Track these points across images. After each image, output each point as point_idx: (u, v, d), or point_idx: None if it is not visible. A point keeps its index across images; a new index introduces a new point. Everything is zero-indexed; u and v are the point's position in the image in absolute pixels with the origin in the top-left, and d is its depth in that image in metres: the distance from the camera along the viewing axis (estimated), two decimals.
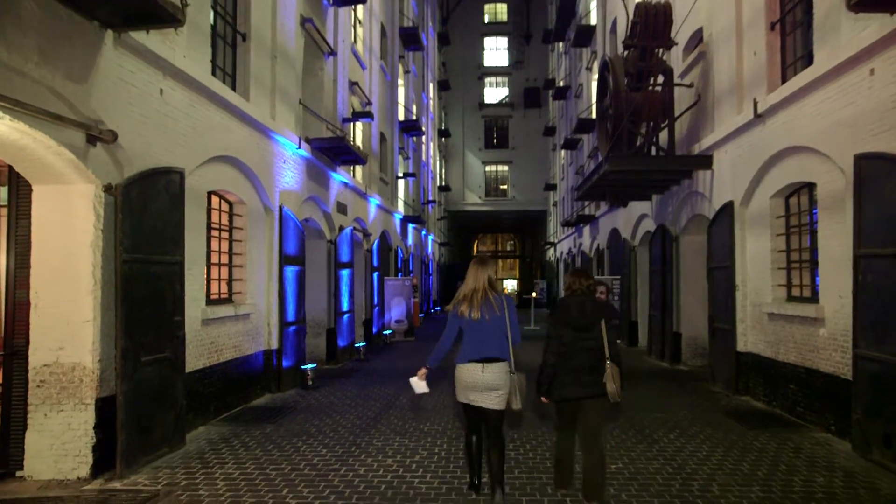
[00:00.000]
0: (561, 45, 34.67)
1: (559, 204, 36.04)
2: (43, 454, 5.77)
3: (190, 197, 7.30)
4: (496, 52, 46.87)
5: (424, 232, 31.57)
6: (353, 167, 16.37)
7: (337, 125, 13.95)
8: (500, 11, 47.11)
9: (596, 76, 17.01)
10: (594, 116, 17.67)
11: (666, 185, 13.30)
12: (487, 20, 46.99)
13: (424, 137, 31.49)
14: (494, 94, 46.50)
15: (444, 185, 42.09)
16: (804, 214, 8.62)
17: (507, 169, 45.54)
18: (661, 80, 12.35)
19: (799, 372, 8.11)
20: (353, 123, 16.53)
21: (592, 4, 23.96)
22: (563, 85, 32.25)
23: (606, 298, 18.62)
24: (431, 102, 35.87)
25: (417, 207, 28.63)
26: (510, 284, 56.48)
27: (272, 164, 10.18)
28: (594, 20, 23.28)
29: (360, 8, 17.51)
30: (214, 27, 8.81)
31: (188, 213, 7.17)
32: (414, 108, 27.67)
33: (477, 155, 45.49)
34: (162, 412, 6.50)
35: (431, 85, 35.92)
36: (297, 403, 9.37)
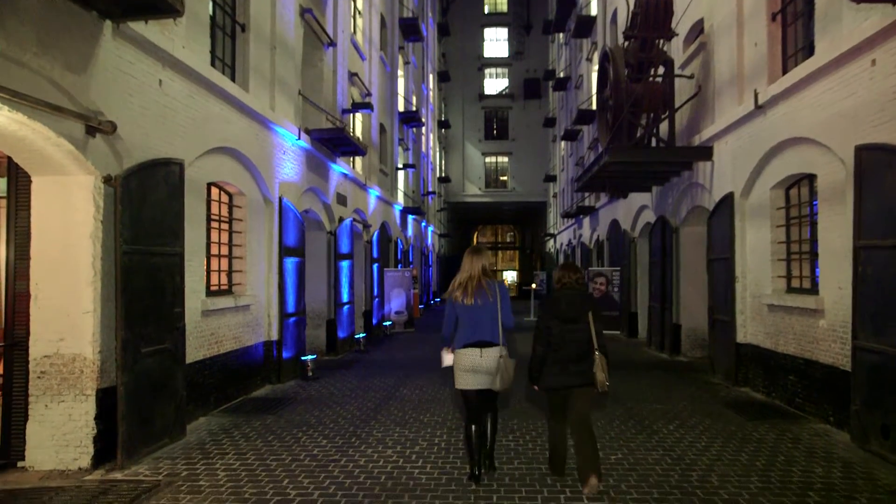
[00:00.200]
0: (561, 35, 34.53)
1: (559, 195, 36.01)
2: (44, 445, 5.79)
3: (189, 188, 7.29)
4: (496, 42, 46.71)
5: (424, 223, 31.56)
6: (352, 158, 16.35)
7: (336, 116, 13.91)
8: (500, 2, 46.93)
9: (596, 67, 16.95)
10: (594, 107, 17.62)
11: (666, 176, 13.28)
12: (487, 11, 46.82)
13: (424, 128, 31.44)
14: (494, 85, 46.37)
15: (443, 176, 42.04)
16: (804, 206, 8.62)
17: (506, 160, 45.48)
18: (661, 71, 12.31)
19: (798, 363, 8.13)
20: (352, 114, 16.49)
21: None
22: (563, 76, 32.15)
23: (606, 290, 18.64)
24: (431, 93, 35.78)
25: (417, 199, 28.60)
26: (510, 276, 56.46)
27: (272, 155, 10.16)
28: (594, 11, 23.19)
29: None
30: (213, 18, 8.77)
31: (188, 204, 7.16)
32: (414, 99, 27.60)
33: (477, 146, 45.41)
34: (162, 403, 6.52)
35: (431, 76, 35.81)
36: (297, 394, 9.39)
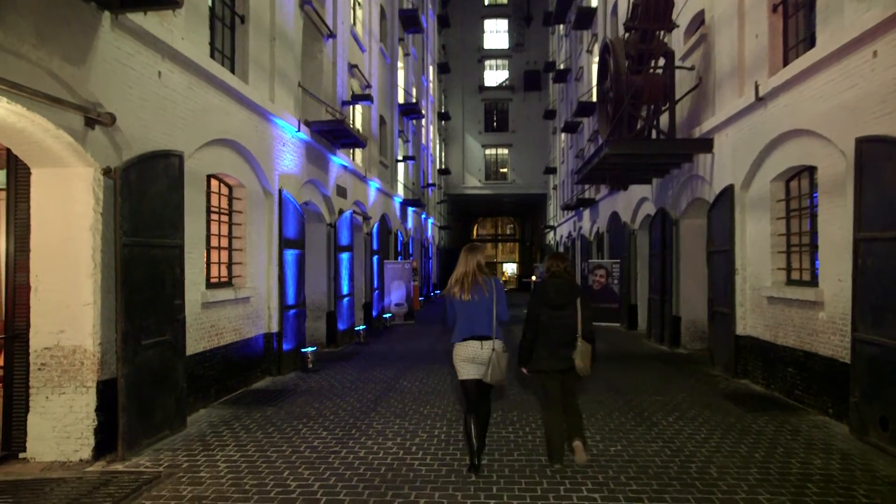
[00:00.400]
0: (561, 27, 34.39)
1: (559, 187, 35.95)
2: (45, 436, 5.81)
3: (189, 180, 7.28)
4: (496, 34, 46.49)
5: (424, 215, 31.55)
6: (352, 150, 16.32)
7: (336, 108, 13.88)
8: None
9: (596, 59, 16.90)
10: (594, 99, 17.58)
11: (666, 168, 13.27)
12: (487, 2, 46.55)
13: (424, 120, 31.36)
14: (494, 76, 46.20)
15: (443, 168, 41.95)
16: (804, 198, 8.62)
17: (506, 152, 45.36)
18: (662, 62, 12.27)
19: (798, 355, 8.15)
20: (352, 106, 16.43)
21: None
22: (563, 68, 32.04)
23: (606, 282, 18.65)
24: (431, 85, 35.67)
25: (417, 191, 28.57)
26: (510, 268, 56.49)
27: (271, 147, 10.14)
28: (595, 2, 23.09)
29: None
30: (213, 9, 8.73)
31: (187, 196, 7.15)
32: (414, 91, 27.53)
33: (477, 138, 45.29)
34: (163, 395, 6.54)
35: (431, 68, 35.69)
36: (297, 386, 9.41)
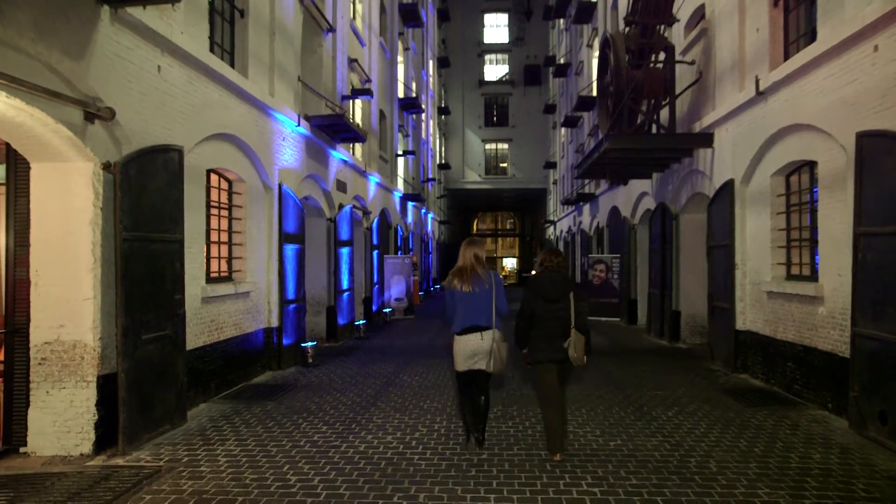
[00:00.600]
0: (562, 21, 34.31)
1: (559, 182, 35.93)
2: (46, 431, 5.82)
3: (189, 175, 7.27)
4: (496, 28, 46.38)
5: (424, 210, 31.52)
6: (352, 145, 16.29)
7: (336, 103, 13.85)
8: None
9: (597, 53, 16.86)
10: (595, 94, 17.55)
11: (666, 163, 13.26)
12: None
13: (424, 115, 31.31)
14: (494, 71, 46.10)
15: (443, 163, 41.92)
16: (805, 193, 8.61)
17: (506, 147, 45.31)
18: (662, 57, 12.25)
19: (797, 350, 8.15)
20: (352, 101, 16.42)
21: None
22: (563, 62, 31.98)
23: (606, 277, 18.65)
24: (431, 80, 35.60)
25: (417, 185, 28.54)
26: (510, 263, 56.48)
27: (271, 141, 10.13)
28: None
29: None
30: (212, 3, 8.70)
31: (187, 191, 7.14)
32: (413, 85, 27.47)
33: (477, 133, 45.24)
34: (163, 389, 6.54)
35: (431, 62, 35.61)
36: (297, 381, 9.42)
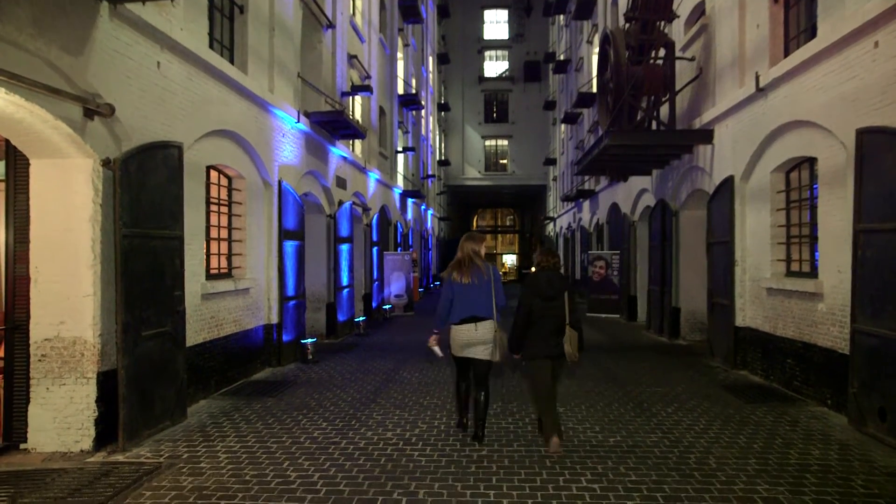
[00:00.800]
0: (562, 17, 34.24)
1: (559, 178, 35.91)
2: (46, 427, 5.82)
3: (188, 171, 7.26)
4: (496, 25, 46.30)
5: (424, 206, 31.51)
6: (352, 141, 16.28)
7: (336, 99, 13.83)
8: None
9: (597, 49, 16.83)
10: (595, 90, 17.53)
11: (666, 159, 13.24)
12: None
13: (424, 111, 31.26)
14: (494, 67, 46.04)
15: (443, 159, 41.89)
16: (804, 189, 8.61)
17: (506, 143, 45.29)
18: (662, 53, 12.23)
19: (797, 346, 8.16)
20: (351, 97, 16.39)
21: None
22: (563, 58, 31.92)
23: (606, 273, 18.66)
24: (431, 76, 35.55)
25: (417, 182, 28.52)
26: (509, 259, 56.51)
27: (271, 138, 10.12)
28: None
29: None
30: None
31: (187, 187, 7.14)
32: (413, 81, 27.43)
33: (476, 129, 45.19)
34: (163, 386, 6.55)
35: (431, 58, 35.55)
36: (297, 377, 9.43)
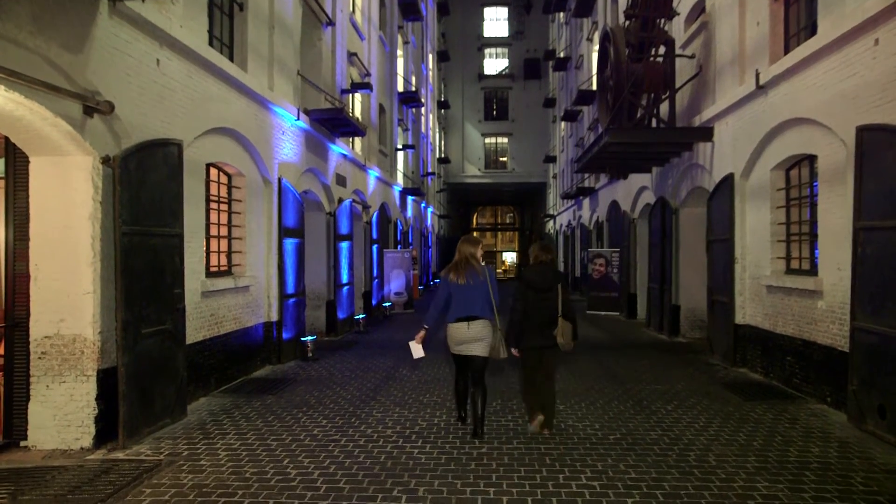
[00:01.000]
0: (562, 15, 34.20)
1: (559, 176, 35.90)
2: (46, 424, 5.82)
3: (188, 169, 7.26)
4: (496, 22, 46.24)
5: (424, 204, 31.50)
6: (352, 139, 16.27)
7: (335, 96, 13.82)
8: None
9: (597, 47, 16.82)
10: (594, 88, 17.51)
11: (666, 157, 13.24)
12: None
13: (423, 109, 31.24)
14: (494, 65, 46.00)
15: (443, 157, 41.85)
16: (804, 187, 8.61)
17: (506, 141, 45.25)
18: (662, 50, 12.22)
19: (796, 344, 8.17)
20: (351, 95, 16.37)
21: None
22: (563, 56, 31.90)
23: (605, 271, 18.67)
24: (431, 74, 35.51)
25: (417, 179, 28.50)
26: (509, 257, 56.50)
27: (271, 135, 10.11)
28: None
29: None
30: None
31: (187, 185, 7.13)
32: (413, 79, 27.40)
33: (476, 127, 45.16)
34: (163, 383, 6.55)
35: (430, 56, 35.52)
36: (297, 375, 9.44)
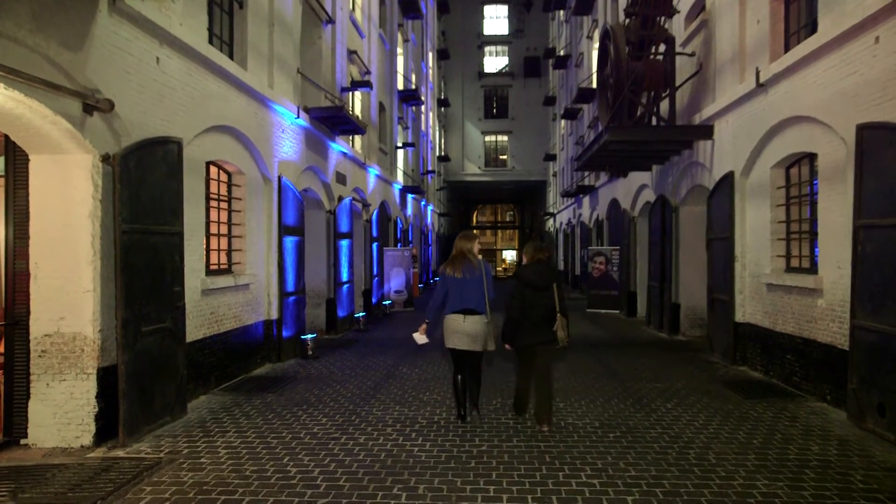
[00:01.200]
0: (562, 13, 34.19)
1: (559, 174, 35.89)
2: (46, 423, 5.83)
3: (188, 167, 7.25)
4: (496, 20, 46.23)
5: (424, 202, 31.49)
6: (352, 137, 16.27)
7: (335, 94, 13.82)
8: None
9: (597, 45, 16.80)
10: (595, 86, 17.50)
11: (666, 155, 13.23)
12: None
13: (424, 107, 31.22)
14: (494, 63, 45.98)
15: (443, 155, 41.83)
16: (804, 185, 8.60)
17: (506, 139, 45.25)
18: (662, 48, 12.20)
19: (796, 342, 8.17)
20: (351, 93, 16.37)
21: None
22: (563, 54, 31.88)
23: (605, 269, 18.67)
24: (431, 72, 35.49)
25: (417, 178, 28.50)
26: (509, 255, 56.51)
27: (271, 133, 10.11)
28: None
29: None
30: None
31: (187, 183, 7.13)
32: (413, 77, 27.37)
33: (476, 125, 45.16)
34: (163, 382, 6.55)
35: (431, 54, 35.49)
36: (297, 373, 9.44)
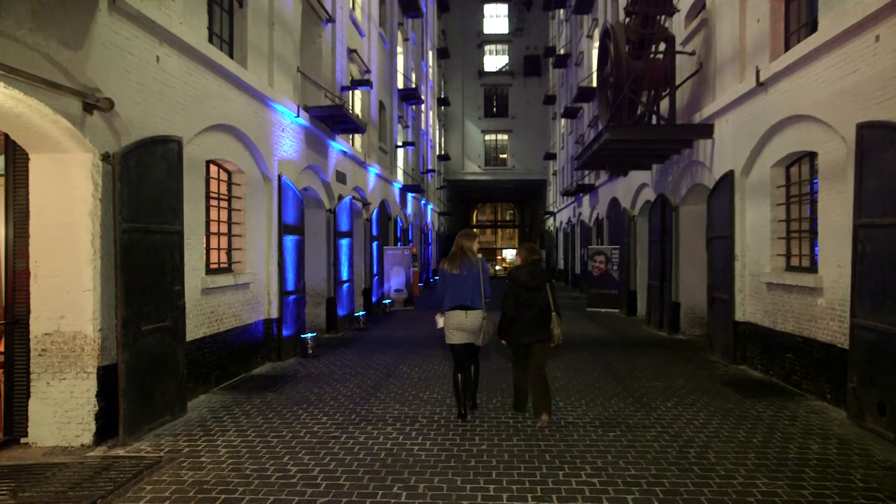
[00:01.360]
0: (562, 11, 34.19)
1: (559, 173, 35.89)
2: (46, 421, 5.83)
3: (188, 166, 7.26)
4: (496, 19, 46.22)
5: (424, 201, 31.49)
6: (352, 136, 16.27)
7: (335, 93, 13.81)
8: None
9: (597, 44, 16.79)
10: (595, 85, 17.50)
11: (666, 154, 13.23)
12: None
13: (424, 106, 31.22)
14: (494, 62, 45.97)
15: (443, 154, 41.82)
16: (805, 184, 8.60)
17: (506, 138, 45.24)
18: (662, 47, 12.21)
19: (796, 341, 8.17)
20: (351, 92, 16.37)
21: None
22: (563, 53, 31.88)
23: (605, 268, 18.67)
24: (431, 71, 35.47)
25: (417, 177, 28.50)
26: (509, 254, 56.48)
27: (271, 132, 10.10)
28: None
29: None
30: None
31: (187, 182, 7.13)
32: (413, 76, 27.37)
33: (476, 124, 45.15)
34: (163, 380, 6.55)
35: (431, 53, 35.48)
36: (297, 372, 9.44)
